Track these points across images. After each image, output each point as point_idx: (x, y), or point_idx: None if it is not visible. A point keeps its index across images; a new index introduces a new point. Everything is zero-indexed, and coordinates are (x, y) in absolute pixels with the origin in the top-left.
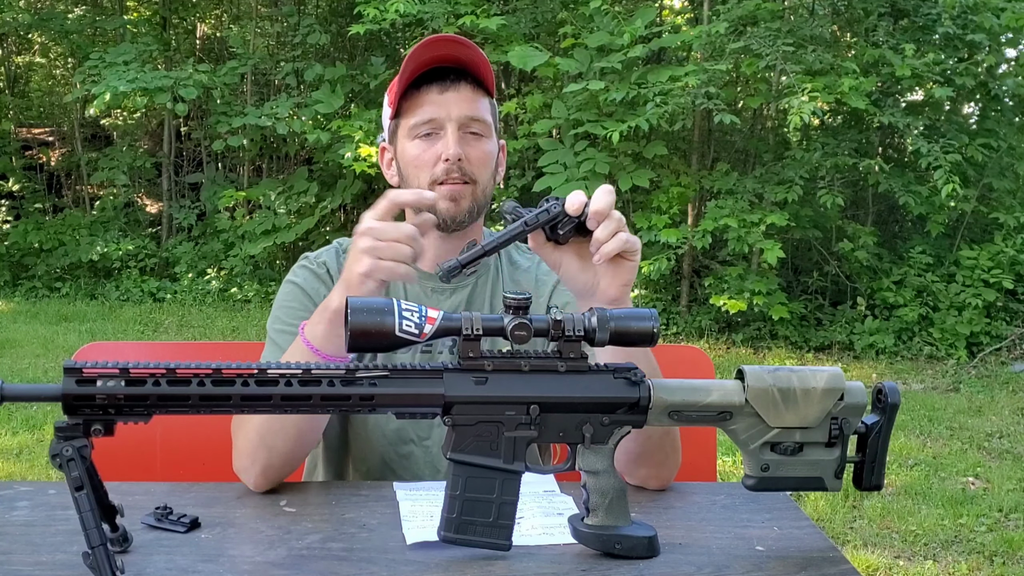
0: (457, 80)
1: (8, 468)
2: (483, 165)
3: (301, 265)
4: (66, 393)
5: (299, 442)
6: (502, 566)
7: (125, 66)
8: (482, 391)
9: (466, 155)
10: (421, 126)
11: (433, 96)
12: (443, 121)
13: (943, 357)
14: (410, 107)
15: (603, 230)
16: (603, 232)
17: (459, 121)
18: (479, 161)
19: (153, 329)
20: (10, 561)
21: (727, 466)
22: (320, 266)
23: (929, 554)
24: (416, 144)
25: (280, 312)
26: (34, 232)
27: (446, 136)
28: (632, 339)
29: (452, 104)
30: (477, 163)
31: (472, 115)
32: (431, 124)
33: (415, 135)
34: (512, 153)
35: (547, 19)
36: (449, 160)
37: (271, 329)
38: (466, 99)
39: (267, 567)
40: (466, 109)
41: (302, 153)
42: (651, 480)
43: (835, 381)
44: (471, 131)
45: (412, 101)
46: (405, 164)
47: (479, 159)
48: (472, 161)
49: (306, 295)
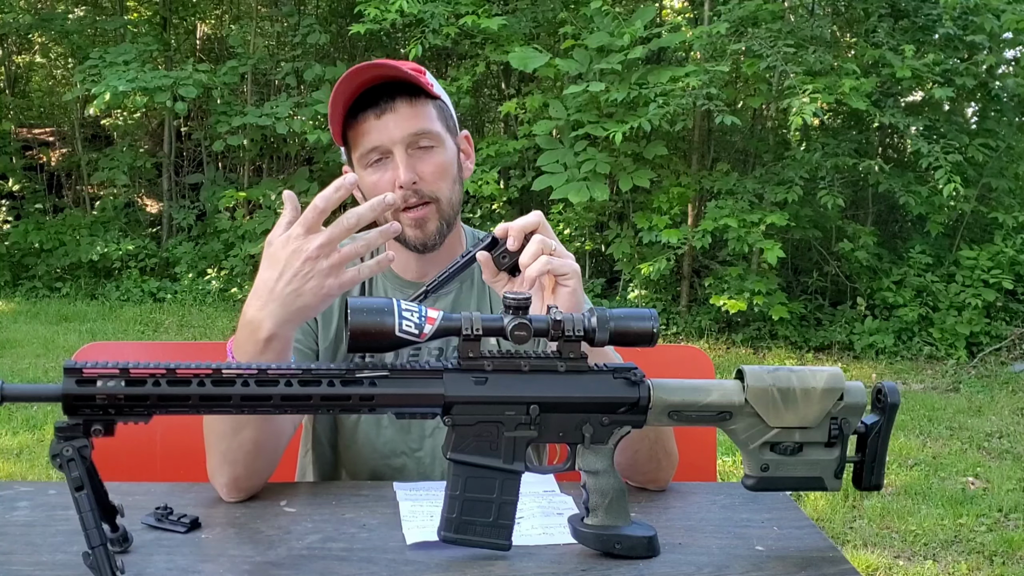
0: (392, 99)
1: (8, 468)
2: (440, 178)
3: None
4: (66, 393)
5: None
6: (502, 566)
7: (125, 66)
8: (482, 391)
9: (420, 174)
10: (368, 154)
11: (371, 123)
12: (388, 146)
13: (943, 357)
14: (354, 137)
15: (525, 253)
16: (525, 256)
17: (404, 141)
18: (435, 176)
19: (153, 329)
20: (10, 561)
21: (727, 466)
22: None
23: (929, 554)
24: (370, 172)
25: None
26: (34, 232)
27: (395, 161)
28: (632, 339)
29: (392, 126)
30: (433, 178)
31: (415, 131)
32: (377, 150)
33: (366, 164)
34: (512, 153)
35: (547, 19)
36: (404, 186)
37: None
38: (405, 117)
39: (267, 567)
40: (407, 127)
41: (302, 153)
42: (650, 483)
43: (835, 381)
44: (420, 146)
45: (354, 131)
46: (368, 192)
47: (434, 174)
48: (427, 179)
49: None
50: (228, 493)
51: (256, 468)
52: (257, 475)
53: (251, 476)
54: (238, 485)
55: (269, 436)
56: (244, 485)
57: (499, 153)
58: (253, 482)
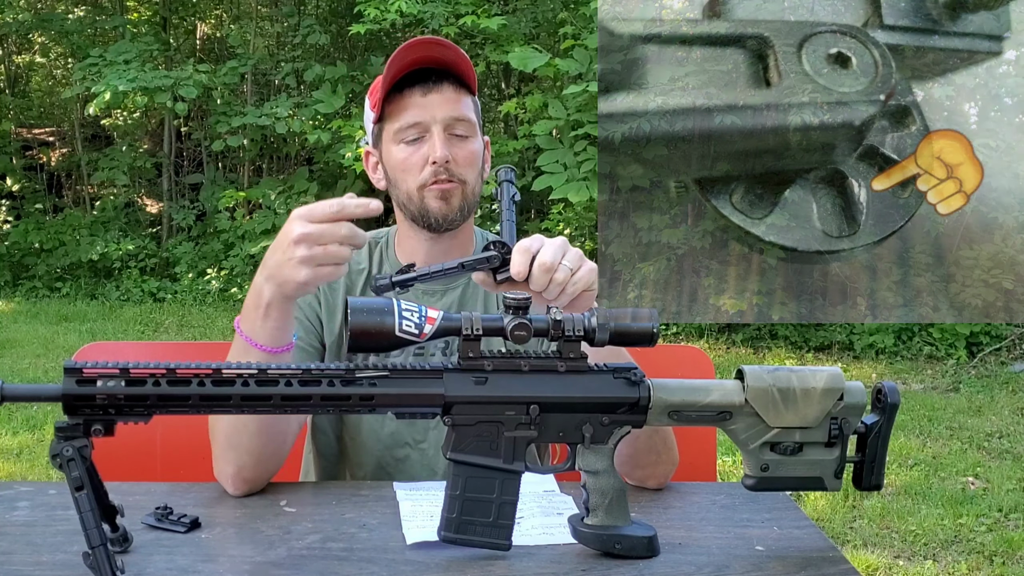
0: (439, 81)
1: (8, 468)
2: (470, 165)
3: None
4: (66, 393)
5: (267, 445)
6: (502, 566)
7: (126, 65)
8: (482, 391)
9: (453, 156)
10: (407, 130)
11: (416, 99)
12: (428, 124)
13: (943, 357)
14: (394, 111)
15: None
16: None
17: (444, 123)
18: (466, 161)
19: (153, 329)
20: (10, 561)
21: (727, 466)
22: None
23: (929, 554)
24: (402, 148)
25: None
26: (34, 232)
27: (432, 139)
28: (632, 339)
29: (436, 106)
30: (464, 163)
31: (456, 116)
32: (417, 128)
33: (401, 139)
34: (512, 153)
35: (547, 19)
36: (437, 163)
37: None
38: (449, 100)
39: (267, 567)
40: (450, 110)
41: (302, 153)
42: (648, 480)
43: (835, 381)
44: (456, 132)
45: (395, 105)
46: (392, 168)
47: (466, 159)
48: (459, 162)
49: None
50: (234, 484)
51: (262, 456)
52: (262, 465)
53: (256, 465)
54: (243, 475)
55: (280, 429)
56: (249, 475)
57: (499, 153)
58: (258, 473)
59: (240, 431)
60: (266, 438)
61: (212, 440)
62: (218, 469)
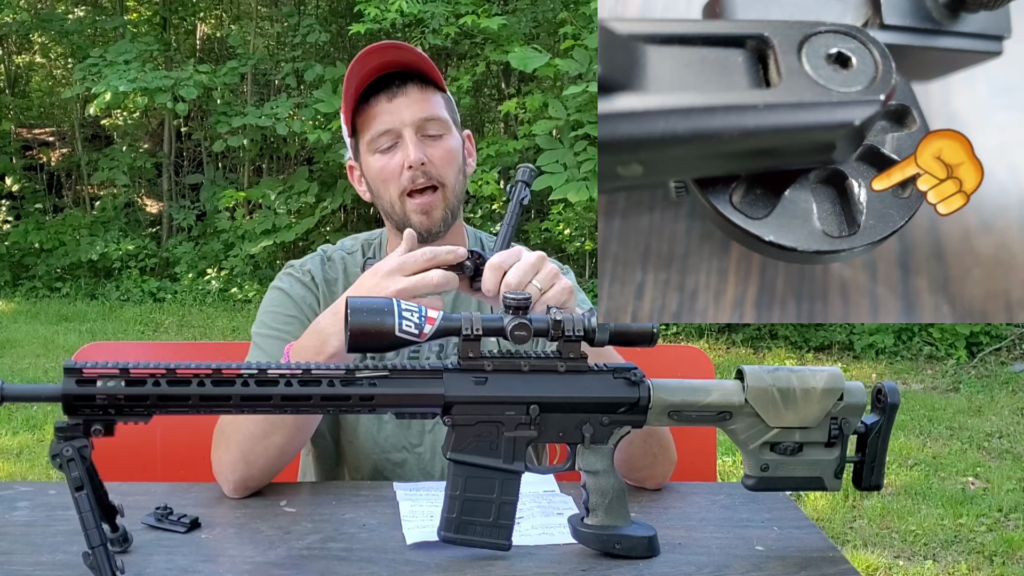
0: (403, 84)
1: (8, 468)
2: (448, 164)
3: (287, 273)
4: (66, 393)
5: (280, 458)
6: (502, 566)
7: (126, 65)
8: (482, 391)
9: (428, 157)
10: (378, 139)
11: (383, 105)
12: (399, 128)
13: (943, 357)
14: (364, 122)
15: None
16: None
17: (415, 125)
18: (443, 161)
19: (153, 329)
20: (10, 561)
21: (727, 466)
22: (305, 274)
23: (929, 554)
24: (378, 158)
25: (266, 317)
26: (34, 232)
27: (405, 143)
28: (632, 339)
29: (403, 109)
30: (441, 163)
31: (426, 116)
32: (388, 135)
33: (375, 149)
34: (512, 153)
35: (547, 19)
36: (412, 166)
37: (256, 334)
38: (416, 101)
39: (267, 567)
40: (418, 111)
41: (302, 153)
42: (647, 480)
43: (835, 381)
44: (429, 133)
45: (364, 116)
46: (372, 179)
47: (442, 159)
48: (436, 162)
49: (292, 301)
50: (234, 490)
51: (271, 471)
52: (268, 476)
53: (263, 478)
54: (247, 484)
55: (297, 444)
56: (253, 485)
57: (499, 153)
58: (261, 482)
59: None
60: (284, 457)
61: (222, 447)
62: (219, 473)
